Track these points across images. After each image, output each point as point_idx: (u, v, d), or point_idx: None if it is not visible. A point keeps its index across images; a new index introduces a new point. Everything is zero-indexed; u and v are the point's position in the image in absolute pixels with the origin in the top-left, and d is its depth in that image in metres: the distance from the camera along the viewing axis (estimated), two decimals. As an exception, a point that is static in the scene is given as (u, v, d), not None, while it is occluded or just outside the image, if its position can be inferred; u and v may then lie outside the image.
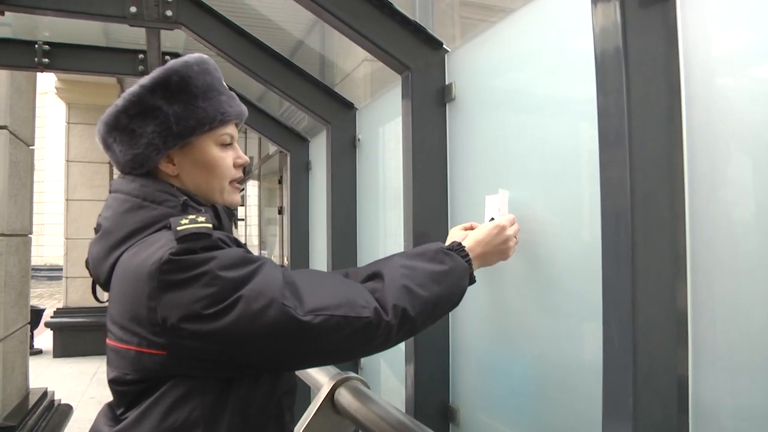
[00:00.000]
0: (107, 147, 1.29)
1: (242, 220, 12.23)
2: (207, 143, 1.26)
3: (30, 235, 4.57)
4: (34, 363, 6.22)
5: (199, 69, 1.25)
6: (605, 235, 1.13)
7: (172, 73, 1.23)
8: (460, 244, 1.43)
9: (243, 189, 11.50)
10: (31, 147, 4.63)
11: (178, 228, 1.09)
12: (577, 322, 1.41)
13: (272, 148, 8.30)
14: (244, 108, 1.34)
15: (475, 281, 1.41)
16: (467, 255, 1.40)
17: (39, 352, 8.53)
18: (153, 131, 1.21)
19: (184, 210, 1.20)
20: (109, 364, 1.20)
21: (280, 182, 8.19)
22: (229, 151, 1.30)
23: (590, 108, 1.22)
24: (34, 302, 11.11)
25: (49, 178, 21.50)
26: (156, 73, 1.23)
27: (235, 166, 1.31)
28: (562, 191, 1.46)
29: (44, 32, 3.23)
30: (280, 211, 8.28)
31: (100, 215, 1.28)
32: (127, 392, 1.16)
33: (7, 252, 4.01)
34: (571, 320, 1.43)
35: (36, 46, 3.20)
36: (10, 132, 4.08)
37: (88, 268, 1.30)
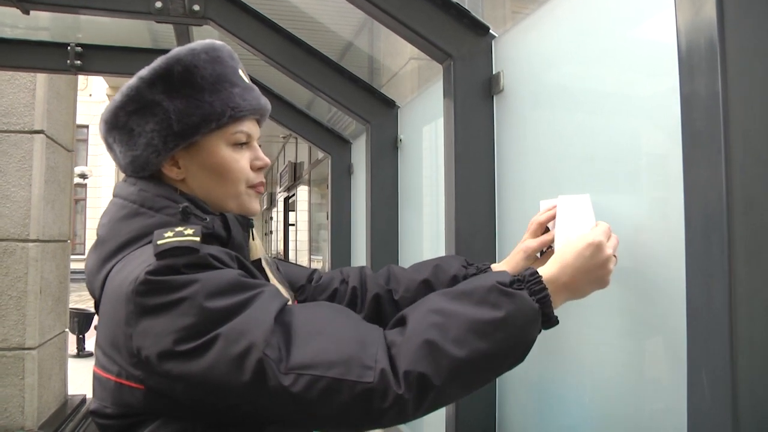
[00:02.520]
0: (109, 147, 1.12)
1: (292, 225, 12.21)
2: (216, 143, 1.07)
3: (69, 241, 4.51)
4: (82, 366, 6.23)
5: (207, 57, 1.07)
6: (691, 250, 0.90)
7: (174, 62, 1.05)
8: (535, 273, 1.02)
9: (294, 194, 11.48)
10: (70, 152, 4.57)
11: (159, 242, 0.91)
12: (652, 354, 1.17)
13: (321, 153, 8.24)
14: (264, 102, 1.14)
15: (556, 323, 1.03)
16: (543, 290, 0.99)
17: (90, 354, 8.64)
18: (152, 130, 1.04)
19: (185, 218, 1.02)
20: (93, 393, 1.03)
21: (329, 187, 8.11)
22: (244, 151, 1.11)
23: (665, 101, 1.04)
24: (89, 305, 11.33)
25: (107, 184, 22.10)
26: (157, 63, 1.05)
27: (253, 168, 1.12)
28: (631, 198, 1.23)
29: (77, 34, 3.13)
30: (329, 217, 8.18)
31: (99, 223, 1.11)
32: (108, 427, 0.98)
33: (43, 258, 3.94)
34: (644, 348, 1.19)
35: (69, 48, 3.10)
36: (47, 136, 4.02)
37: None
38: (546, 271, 1.04)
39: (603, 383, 1.32)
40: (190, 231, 0.93)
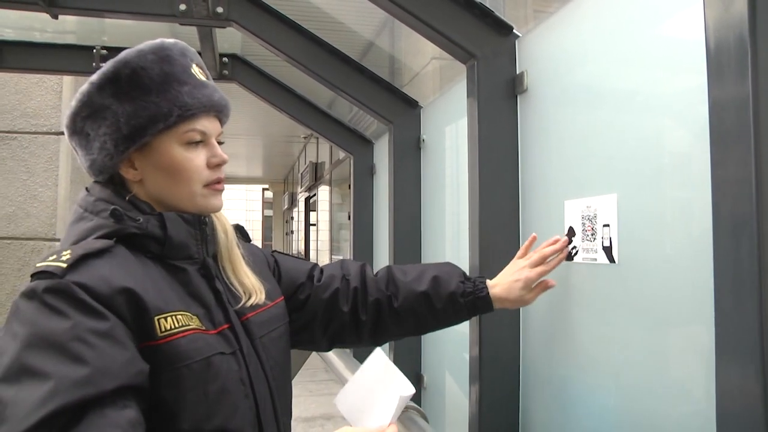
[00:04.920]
0: (75, 152, 1.13)
1: (314, 225, 12.24)
2: (168, 143, 1.06)
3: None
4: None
5: (155, 57, 1.05)
6: (719, 250, 0.89)
7: (122, 65, 1.03)
8: None
9: (315, 195, 11.51)
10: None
11: (38, 264, 0.91)
12: (679, 355, 1.16)
13: (343, 154, 8.25)
14: (218, 98, 1.11)
15: None
16: None
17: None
18: (104, 134, 1.04)
19: (118, 220, 1.01)
20: None
21: (350, 187, 8.12)
22: (199, 149, 1.09)
23: (691, 99, 1.03)
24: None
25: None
26: (106, 67, 1.05)
27: (210, 166, 1.10)
28: (657, 197, 1.22)
29: (102, 37, 3.17)
30: (350, 217, 8.18)
31: None
32: None
33: (68, 257, 3.99)
34: (672, 352, 1.18)
35: (94, 50, 3.14)
36: (73, 138, 4.09)
37: None
38: None
39: (627, 384, 1.30)
40: (65, 256, 0.91)
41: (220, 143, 1.13)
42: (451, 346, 2.37)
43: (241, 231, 1.28)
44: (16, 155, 3.96)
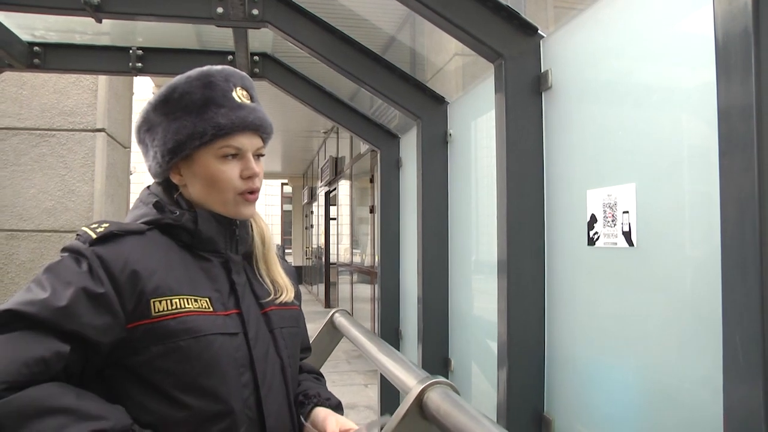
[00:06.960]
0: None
1: (334, 219, 12.38)
2: (206, 157, 1.24)
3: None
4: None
5: (199, 83, 1.24)
6: (726, 239, 1.00)
7: (172, 90, 1.24)
8: None
9: (335, 189, 11.64)
10: (126, 149, 4.81)
11: (82, 227, 1.17)
12: (691, 330, 1.27)
13: (363, 147, 8.35)
14: (252, 119, 1.26)
15: None
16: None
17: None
18: (156, 146, 1.25)
19: (160, 211, 1.23)
20: None
21: (371, 181, 8.24)
22: (234, 162, 1.25)
23: (706, 98, 1.11)
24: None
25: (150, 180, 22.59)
26: (161, 90, 1.26)
27: (242, 177, 1.26)
28: (671, 186, 1.32)
29: (138, 38, 3.31)
30: (372, 210, 8.31)
31: None
32: None
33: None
34: (685, 327, 1.29)
35: (130, 51, 3.28)
36: (108, 135, 4.26)
37: None
38: None
39: (645, 361, 1.41)
40: (100, 228, 1.15)
41: (261, 155, 1.30)
42: (478, 332, 2.48)
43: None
44: (55, 151, 4.13)
